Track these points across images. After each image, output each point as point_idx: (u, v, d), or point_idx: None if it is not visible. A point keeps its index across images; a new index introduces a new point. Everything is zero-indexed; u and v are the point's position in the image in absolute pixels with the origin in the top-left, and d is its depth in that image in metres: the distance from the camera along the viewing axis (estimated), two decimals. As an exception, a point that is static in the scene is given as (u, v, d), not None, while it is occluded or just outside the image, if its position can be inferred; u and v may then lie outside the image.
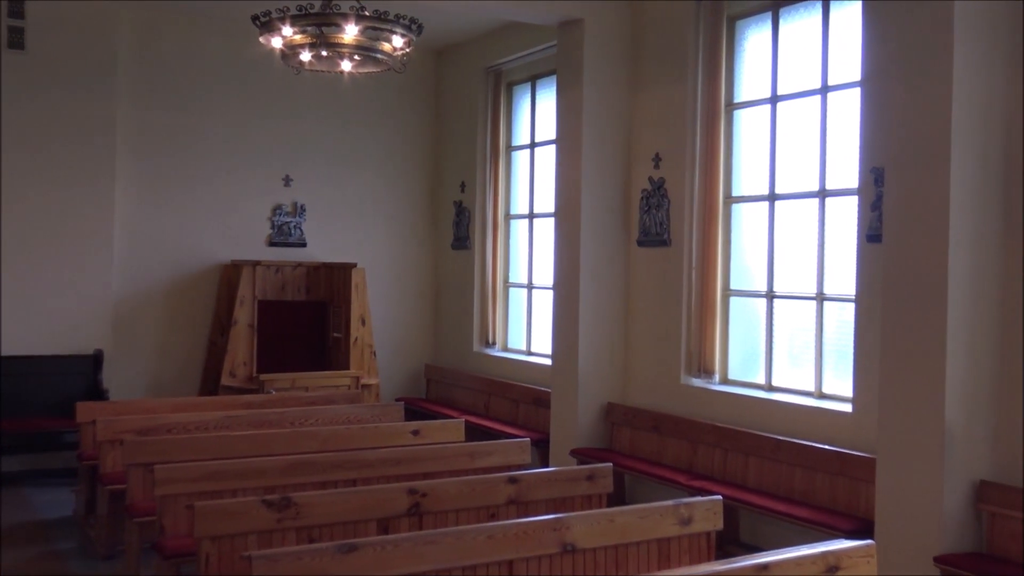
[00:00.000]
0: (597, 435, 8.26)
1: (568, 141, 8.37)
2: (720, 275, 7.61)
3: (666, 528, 4.50)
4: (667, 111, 7.91)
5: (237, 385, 9.51)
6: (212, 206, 10.23)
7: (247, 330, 9.72)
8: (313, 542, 4.46)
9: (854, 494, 6.12)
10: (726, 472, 7.06)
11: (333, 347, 10.34)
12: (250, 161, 10.40)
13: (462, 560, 3.98)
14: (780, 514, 6.28)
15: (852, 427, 6.27)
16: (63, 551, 6.89)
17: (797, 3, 7.07)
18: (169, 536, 5.23)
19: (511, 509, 5.08)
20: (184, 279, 10.15)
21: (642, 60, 8.22)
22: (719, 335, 7.62)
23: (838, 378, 6.67)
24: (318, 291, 10.45)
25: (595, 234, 8.22)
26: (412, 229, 11.39)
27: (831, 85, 6.77)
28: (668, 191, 7.88)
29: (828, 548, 3.86)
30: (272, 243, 10.54)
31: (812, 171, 6.89)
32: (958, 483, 5.20)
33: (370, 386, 10.03)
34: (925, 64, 5.30)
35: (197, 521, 4.41)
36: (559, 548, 4.21)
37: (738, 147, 7.62)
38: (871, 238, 6.13)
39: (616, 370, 8.33)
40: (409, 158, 11.34)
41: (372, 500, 4.80)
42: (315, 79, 8.88)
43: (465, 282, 10.86)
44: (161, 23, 9.93)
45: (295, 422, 7.13)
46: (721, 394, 7.42)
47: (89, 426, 7.14)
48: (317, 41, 6.12)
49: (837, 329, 6.73)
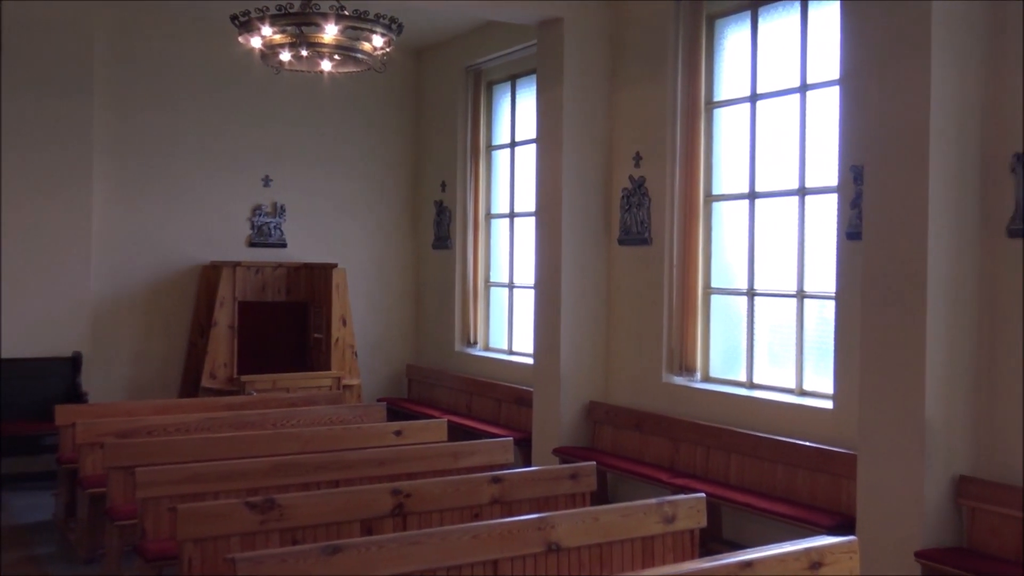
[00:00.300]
0: (579, 434, 8.27)
1: (548, 140, 8.38)
2: (701, 273, 7.64)
3: (650, 526, 4.52)
4: (647, 110, 7.93)
5: (217, 387, 9.46)
6: (191, 207, 10.17)
7: (227, 331, 9.67)
8: (297, 544, 4.45)
9: (835, 490, 6.15)
10: (708, 470, 7.08)
11: (314, 348, 10.31)
12: (229, 162, 10.35)
13: (447, 560, 3.98)
14: (762, 511, 6.31)
15: (833, 424, 6.30)
16: (43, 555, 6.84)
17: (776, 2, 7.10)
18: (151, 539, 5.20)
19: (495, 509, 5.08)
20: (163, 280, 10.08)
21: (622, 59, 8.23)
22: (700, 333, 7.65)
23: (819, 375, 6.71)
24: (299, 292, 10.41)
25: (576, 233, 8.23)
26: (393, 229, 11.37)
27: (810, 84, 6.80)
28: (649, 190, 7.90)
29: (811, 544, 3.89)
30: (252, 244, 10.49)
31: (792, 169, 6.93)
32: (938, 478, 5.24)
33: (351, 387, 10.00)
34: (903, 63, 5.34)
35: (180, 524, 4.39)
36: (544, 547, 4.22)
37: (718, 145, 7.64)
38: (851, 235, 6.17)
39: (598, 369, 8.35)
40: (389, 158, 11.32)
41: (356, 501, 4.79)
42: (294, 79, 8.85)
43: (446, 282, 10.84)
44: (139, 23, 9.85)
45: (277, 423, 7.10)
46: (703, 392, 7.45)
47: (68, 429, 7.09)
48: (297, 41, 6.10)
49: (817, 326, 6.77)
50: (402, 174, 11.41)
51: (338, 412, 7.46)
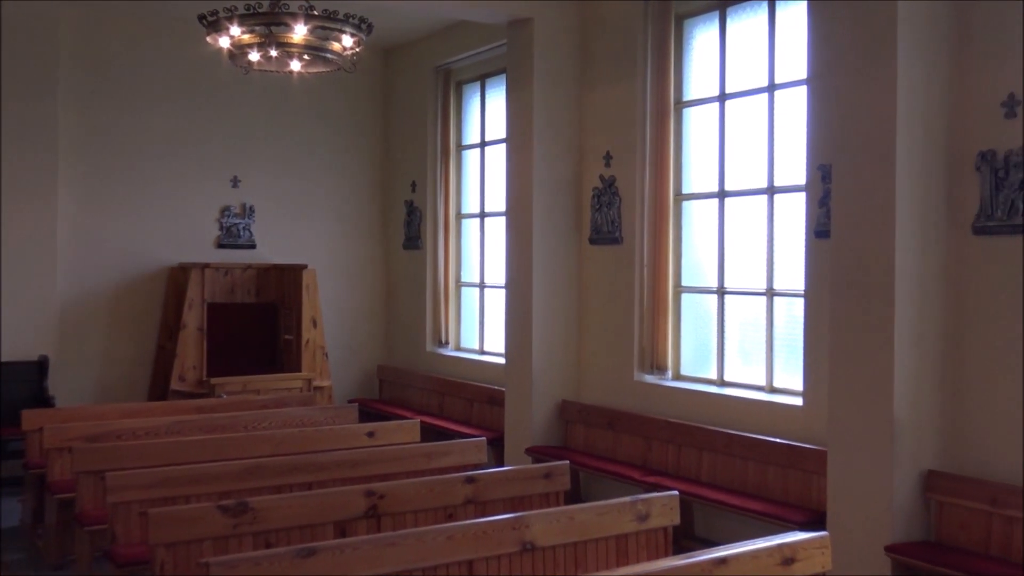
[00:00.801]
0: (552, 433, 8.29)
1: (519, 140, 8.39)
2: (671, 272, 7.68)
3: (624, 524, 4.54)
4: (617, 109, 7.96)
5: (187, 389, 9.39)
6: (159, 209, 10.08)
7: (196, 334, 9.60)
8: (270, 547, 4.43)
9: (806, 486, 6.21)
10: (680, 467, 7.12)
11: (284, 349, 10.25)
12: (197, 162, 10.27)
13: (422, 561, 3.98)
14: (734, 507, 6.36)
15: (803, 420, 6.36)
16: (11, 562, 6.75)
17: (744, 2, 7.15)
18: (122, 544, 5.14)
19: (469, 509, 5.08)
20: (131, 283, 9.99)
21: (592, 59, 8.25)
22: (671, 331, 7.69)
23: (789, 372, 6.77)
24: (268, 293, 10.34)
25: (547, 233, 8.24)
26: (363, 229, 11.33)
27: (778, 83, 6.86)
28: (619, 189, 7.93)
29: (784, 540, 3.92)
30: (221, 245, 10.41)
31: (760, 168, 6.98)
32: (907, 473, 5.31)
33: (323, 388, 9.96)
34: (870, 62, 5.40)
35: (151, 528, 4.35)
36: (519, 547, 4.22)
37: (688, 145, 7.69)
38: (819, 234, 6.22)
39: (570, 368, 8.36)
40: (359, 158, 11.28)
41: (329, 503, 4.77)
42: (263, 79, 8.79)
43: (417, 282, 10.82)
44: (105, 22, 9.75)
45: (248, 426, 7.06)
46: (674, 390, 7.49)
47: (35, 434, 7.00)
48: (266, 41, 6.05)
49: (787, 324, 6.83)
50: (372, 174, 11.37)
51: (310, 414, 7.43)
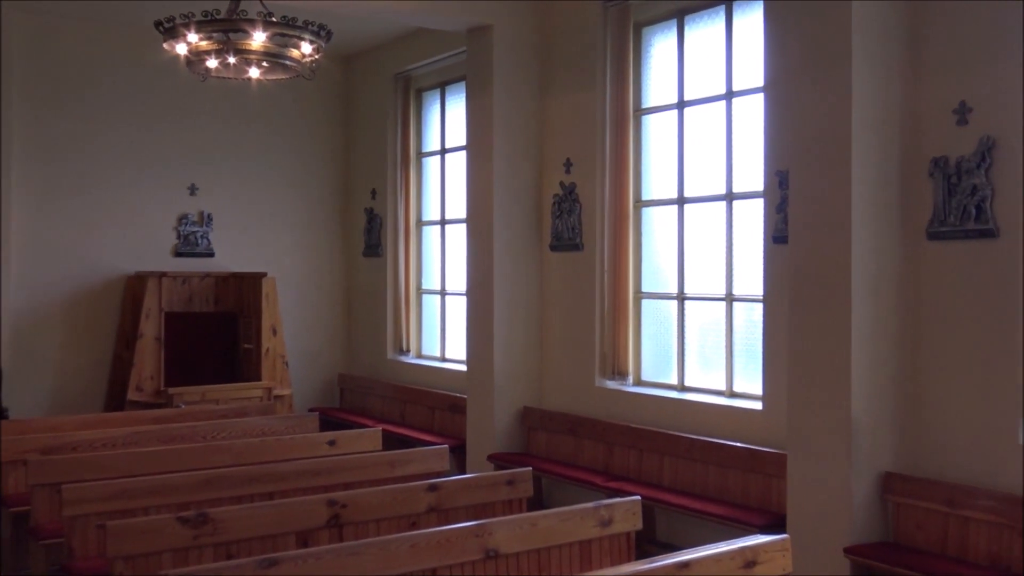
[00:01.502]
0: (514, 440, 8.29)
1: (479, 147, 8.39)
2: (632, 278, 7.72)
3: (587, 530, 4.55)
4: (577, 116, 7.99)
5: (145, 400, 9.26)
6: (115, 216, 9.94)
7: (154, 343, 9.47)
8: (232, 558, 4.37)
9: (766, 489, 6.27)
10: (642, 472, 7.16)
11: (244, 358, 10.16)
12: (154, 169, 10.14)
13: (385, 570, 3.96)
14: (696, 512, 6.40)
15: (763, 424, 6.42)
16: (-37, 578, 6.62)
17: (701, 10, 7.22)
18: (79, 557, 5.06)
19: (432, 517, 5.06)
20: (86, 292, 9.84)
21: (551, 66, 8.28)
22: (632, 337, 7.73)
23: (748, 377, 6.83)
24: (227, 302, 10.24)
25: (508, 239, 8.25)
26: (323, 237, 11.27)
27: (736, 91, 6.93)
28: (579, 196, 7.96)
29: (745, 544, 3.95)
30: (178, 253, 10.30)
31: (719, 175, 7.04)
32: (865, 475, 5.38)
33: (283, 397, 9.88)
34: (825, 69, 5.47)
35: (109, 541, 4.28)
36: (482, 554, 4.22)
37: (647, 152, 7.74)
38: (777, 239, 6.29)
39: (531, 374, 8.37)
40: (318, 165, 11.21)
41: (291, 513, 4.73)
42: (221, 86, 8.67)
43: (378, 289, 10.78)
44: (58, 26, 9.60)
45: (207, 436, 6.97)
46: (635, 395, 7.53)
47: (-11, 447, 6.87)
48: (224, 47, 5.99)
49: (746, 329, 6.89)
50: (332, 181, 11.31)
51: (270, 423, 7.36)
